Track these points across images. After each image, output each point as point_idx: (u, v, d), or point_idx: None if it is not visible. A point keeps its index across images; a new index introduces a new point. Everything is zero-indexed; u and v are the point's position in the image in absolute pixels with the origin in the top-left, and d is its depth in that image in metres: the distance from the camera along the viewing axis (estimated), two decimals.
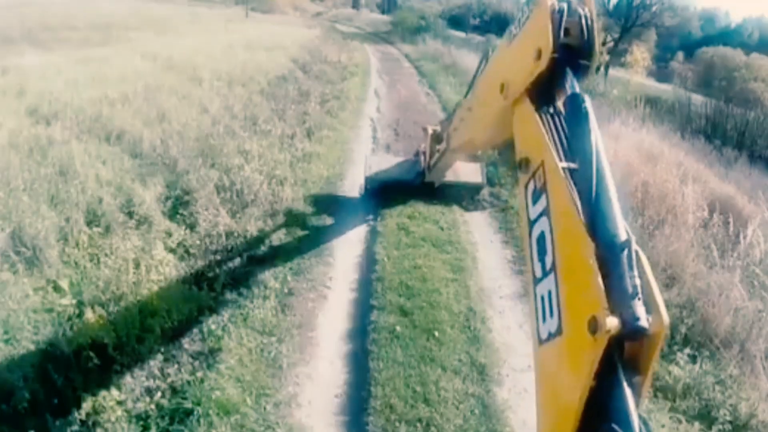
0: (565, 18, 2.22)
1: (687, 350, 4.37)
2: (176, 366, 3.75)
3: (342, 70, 16.95)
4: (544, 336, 1.80)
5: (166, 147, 6.98)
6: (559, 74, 2.23)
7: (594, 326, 1.50)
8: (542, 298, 1.84)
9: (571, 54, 2.23)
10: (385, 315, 4.56)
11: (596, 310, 1.51)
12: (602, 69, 27.78)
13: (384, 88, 15.70)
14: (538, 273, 1.90)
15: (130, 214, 5.34)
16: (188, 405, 3.40)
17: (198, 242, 5.32)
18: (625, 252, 1.61)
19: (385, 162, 7.19)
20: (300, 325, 4.44)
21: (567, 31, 2.23)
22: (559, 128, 2.12)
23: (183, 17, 27.36)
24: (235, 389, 3.61)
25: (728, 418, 3.75)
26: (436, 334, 4.36)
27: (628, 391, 1.53)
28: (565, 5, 2.25)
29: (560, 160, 1.95)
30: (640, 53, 27.38)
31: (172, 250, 5.11)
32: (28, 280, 4.13)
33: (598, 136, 1.92)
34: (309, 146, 8.61)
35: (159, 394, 3.49)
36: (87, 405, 3.30)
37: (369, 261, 5.53)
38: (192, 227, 5.52)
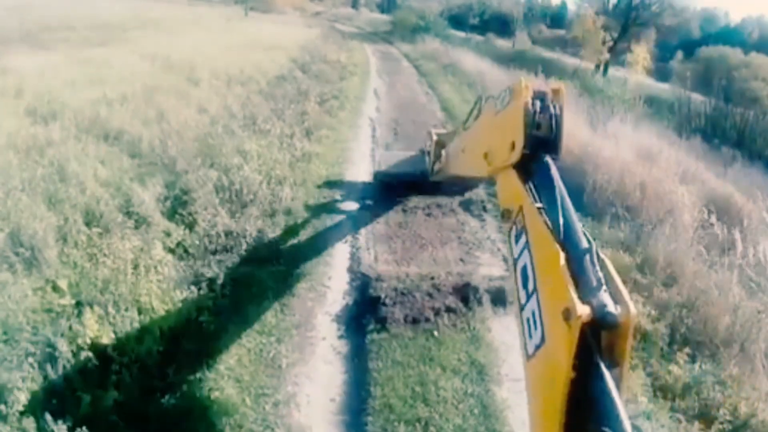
0: (537, 115, 2.48)
1: (687, 350, 4.37)
2: (175, 366, 3.75)
3: (341, 70, 16.93)
4: (530, 351, 2.01)
5: (164, 147, 6.95)
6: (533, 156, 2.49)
7: (567, 315, 1.72)
8: (528, 320, 2.06)
9: (542, 144, 2.50)
10: None
11: (568, 302, 1.74)
12: (602, 68, 27.74)
13: (383, 87, 15.68)
14: (523, 299, 2.14)
15: (128, 214, 5.32)
16: (187, 405, 3.40)
17: (197, 242, 5.31)
18: (588, 255, 1.92)
19: (395, 157, 7.34)
20: (299, 324, 4.45)
21: (539, 126, 2.50)
22: (532, 187, 2.44)
23: (182, 17, 27.32)
24: (234, 389, 3.61)
25: (728, 417, 3.75)
26: None
27: (612, 387, 1.66)
28: (538, 103, 2.51)
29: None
30: (641, 52, 27.29)
31: (171, 250, 5.10)
32: (26, 280, 4.12)
33: (561, 186, 2.28)
34: (308, 146, 8.61)
35: (158, 394, 3.49)
36: (86, 405, 3.29)
37: None
38: (191, 227, 5.51)
